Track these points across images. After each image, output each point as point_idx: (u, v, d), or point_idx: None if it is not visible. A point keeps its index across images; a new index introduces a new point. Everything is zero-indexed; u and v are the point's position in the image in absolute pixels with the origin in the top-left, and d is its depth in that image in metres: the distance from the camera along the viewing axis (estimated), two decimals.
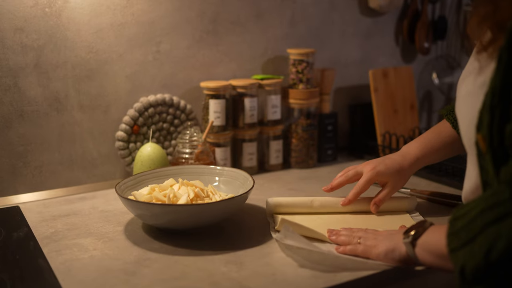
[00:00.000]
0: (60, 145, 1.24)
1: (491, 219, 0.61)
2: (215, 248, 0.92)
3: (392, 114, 1.50)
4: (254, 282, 0.81)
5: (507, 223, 0.59)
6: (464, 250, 0.62)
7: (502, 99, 0.63)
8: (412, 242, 0.78)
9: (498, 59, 0.64)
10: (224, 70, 1.39)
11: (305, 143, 1.40)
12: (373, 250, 0.84)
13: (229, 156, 1.32)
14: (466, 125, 0.74)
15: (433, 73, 1.69)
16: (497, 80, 0.64)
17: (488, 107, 0.65)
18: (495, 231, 0.59)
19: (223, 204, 0.96)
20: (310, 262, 0.85)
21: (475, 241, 0.61)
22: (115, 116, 1.28)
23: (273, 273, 0.84)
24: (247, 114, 1.33)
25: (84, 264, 0.88)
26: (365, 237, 0.87)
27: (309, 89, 1.38)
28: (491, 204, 0.62)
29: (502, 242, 0.58)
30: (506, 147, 0.64)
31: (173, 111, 1.32)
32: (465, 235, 0.63)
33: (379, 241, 0.85)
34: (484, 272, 0.60)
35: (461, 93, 0.78)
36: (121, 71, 1.27)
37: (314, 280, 0.81)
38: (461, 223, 0.65)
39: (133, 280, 0.82)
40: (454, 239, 0.64)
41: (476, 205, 0.64)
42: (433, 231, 0.78)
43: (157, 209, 0.93)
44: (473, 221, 0.63)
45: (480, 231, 0.61)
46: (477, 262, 0.60)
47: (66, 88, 1.23)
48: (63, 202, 1.15)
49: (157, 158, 1.20)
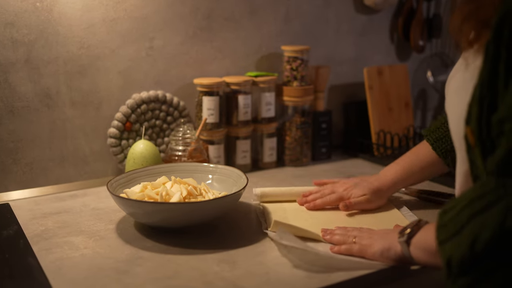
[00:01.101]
0: (51, 142, 1.22)
1: (477, 209, 0.60)
2: (208, 247, 0.91)
3: (386, 112, 1.49)
4: (248, 282, 0.80)
5: (492, 213, 0.58)
6: (452, 242, 0.61)
7: (490, 90, 0.63)
8: (407, 241, 0.78)
9: (485, 52, 0.64)
10: (218, 67, 1.37)
11: (299, 141, 1.39)
12: (368, 249, 0.84)
13: (223, 153, 1.31)
14: (455, 120, 0.74)
15: (427, 71, 1.68)
16: (485, 72, 0.64)
17: (477, 99, 0.65)
18: (481, 221, 0.59)
19: (216, 202, 0.95)
20: (305, 262, 0.84)
21: (462, 232, 0.60)
22: (107, 113, 1.27)
23: (266, 272, 0.83)
24: (241, 111, 1.32)
25: (75, 262, 0.86)
26: (360, 236, 0.86)
27: (303, 87, 1.37)
28: (478, 194, 0.61)
29: (487, 232, 0.57)
30: (493, 138, 0.63)
31: (166, 108, 1.31)
32: (453, 226, 0.62)
33: (375, 240, 0.84)
34: (470, 264, 0.59)
35: (450, 90, 0.79)
36: (113, 67, 1.26)
37: (309, 280, 0.80)
38: (449, 215, 0.64)
39: (125, 279, 0.81)
40: (443, 231, 0.64)
41: (464, 197, 0.64)
42: (428, 229, 0.77)
43: (149, 207, 0.92)
44: (460, 213, 0.62)
45: (467, 221, 0.60)
46: (463, 254, 0.59)
47: (57, 84, 1.21)
48: (54, 200, 1.14)
49: (149, 155, 1.19)
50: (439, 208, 0.71)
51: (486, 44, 0.64)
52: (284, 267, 0.84)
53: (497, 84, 0.63)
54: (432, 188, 1.17)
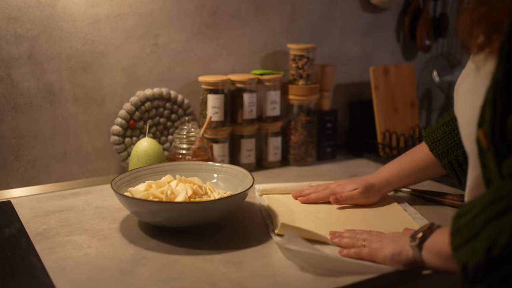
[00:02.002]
0: (54, 139, 1.21)
1: (494, 214, 0.58)
2: (214, 247, 0.89)
3: (392, 112, 1.48)
4: (254, 284, 0.78)
5: (509, 217, 0.57)
6: (466, 247, 0.60)
7: (505, 91, 0.62)
8: (419, 245, 0.76)
9: (499, 54, 0.63)
10: (223, 65, 1.36)
11: (304, 140, 1.37)
12: (379, 253, 0.82)
13: (227, 152, 1.30)
14: (466, 122, 0.73)
15: (433, 71, 1.67)
16: (499, 73, 0.63)
17: (490, 101, 0.63)
18: (497, 226, 0.57)
19: (222, 202, 0.93)
20: (311, 266, 0.82)
21: (477, 237, 0.59)
22: (111, 110, 1.25)
23: (273, 274, 0.81)
24: (246, 109, 1.30)
25: (78, 262, 0.85)
26: (370, 239, 0.84)
27: (309, 85, 1.35)
28: (493, 199, 0.60)
29: (504, 237, 0.56)
30: (508, 141, 0.62)
31: (170, 106, 1.29)
32: (467, 232, 0.61)
33: (385, 243, 0.82)
34: (486, 270, 0.57)
35: (460, 93, 0.77)
36: (117, 63, 1.24)
37: (316, 282, 0.79)
38: (464, 220, 0.63)
39: (129, 280, 0.79)
40: (457, 236, 0.63)
41: (479, 201, 0.63)
42: (440, 233, 0.76)
43: (154, 207, 0.91)
44: (476, 218, 0.61)
45: (482, 226, 0.59)
46: (479, 259, 0.58)
47: (60, 80, 1.19)
48: (56, 198, 1.12)
49: (153, 153, 1.17)
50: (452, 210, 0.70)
51: (500, 46, 0.63)
52: (291, 269, 0.82)
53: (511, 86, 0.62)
54: (443, 190, 1.16)
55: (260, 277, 0.80)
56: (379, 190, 1.07)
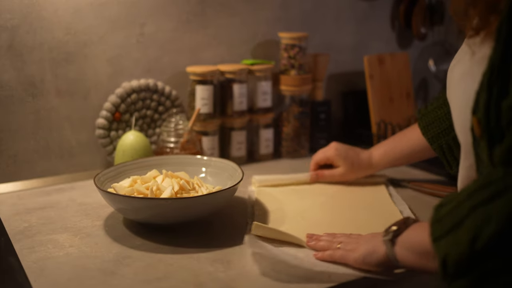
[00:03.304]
0: (36, 133, 1.17)
1: (480, 201, 0.52)
2: (201, 245, 0.85)
3: (387, 102, 1.44)
4: (242, 283, 0.75)
5: (498, 204, 0.50)
6: (448, 238, 0.54)
7: (501, 76, 0.58)
8: (392, 240, 0.70)
9: (497, 36, 0.59)
10: (212, 55, 1.31)
11: (296, 132, 1.34)
12: (351, 254, 0.76)
13: (217, 145, 1.26)
14: (459, 109, 0.69)
15: (429, 59, 1.63)
16: (496, 57, 0.59)
17: (486, 86, 0.59)
18: (483, 213, 0.51)
19: (210, 197, 0.89)
20: (275, 271, 0.77)
21: (461, 226, 0.52)
22: (95, 102, 1.21)
23: (262, 273, 0.77)
24: (236, 101, 1.26)
25: (58, 262, 0.81)
26: (346, 242, 0.79)
27: (301, 75, 1.31)
28: (481, 185, 0.54)
29: (491, 226, 0.49)
30: (502, 127, 0.57)
31: (158, 98, 1.25)
32: (450, 221, 0.54)
33: (360, 244, 0.76)
34: (469, 264, 0.51)
35: (453, 79, 0.73)
36: (102, 54, 1.20)
37: (306, 283, 0.75)
38: (447, 208, 0.57)
39: (111, 280, 0.76)
40: (438, 226, 0.56)
41: (466, 189, 0.57)
42: (417, 228, 0.69)
43: (139, 203, 0.87)
44: (460, 205, 0.54)
45: (467, 214, 0.52)
46: (461, 251, 0.51)
47: (42, 72, 1.15)
48: (38, 194, 1.08)
49: (140, 147, 1.13)
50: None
51: (497, 28, 0.59)
52: (282, 267, 0.78)
53: (509, 69, 0.58)
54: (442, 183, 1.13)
55: (249, 277, 0.76)
56: (365, 168, 1.10)
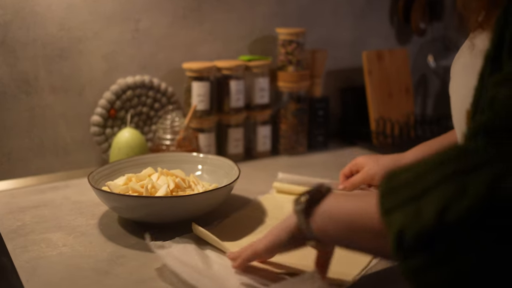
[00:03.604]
0: (30, 130, 1.15)
1: (455, 170, 0.45)
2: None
3: (386, 98, 1.43)
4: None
5: (476, 177, 0.44)
6: (406, 209, 0.46)
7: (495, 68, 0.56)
8: (306, 209, 0.61)
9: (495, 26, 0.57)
10: (208, 51, 1.30)
11: (294, 128, 1.32)
12: (259, 244, 0.70)
13: (214, 142, 1.24)
14: (458, 104, 0.68)
15: (429, 55, 1.62)
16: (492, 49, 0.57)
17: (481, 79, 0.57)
18: (458, 184, 0.44)
19: (206, 195, 0.88)
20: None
21: (426, 196, 0.45)
22: (90, 99, 1.19)
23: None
24: (233, 98, 1.25)
25: (51, 262, 0.79)
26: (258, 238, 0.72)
27: (299, 72, 1.30)
28: (456, 154, 0.47)
29: (466, 199, 0.43)
30: None
31: (153, 94, 1.23)
32: (409, 191, 0.47)
33: (268, 233, 0.70)
34: (431, 238, 0.43)
35: (454, 72, 0.73)
36: (96, 50, 1.18)
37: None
38: (403, 177, 0.48)
39: (105, 280, 0.74)
40: (391, 197, 0.48)
41: (430, 158, 0.49)
42: (339, 196, 0.61)
43: (133, 202, 0.85)
44: (424, 174, 0.47)
45: (436, 184, 0.45)
46: (424, 224, 0.44)
47: (36, 68, 1.13)
48: (33, 192, 1.07)
49: (135, 144, 1.12)
50: None
51: (496, 22, 0.57)
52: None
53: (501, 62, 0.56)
54: None
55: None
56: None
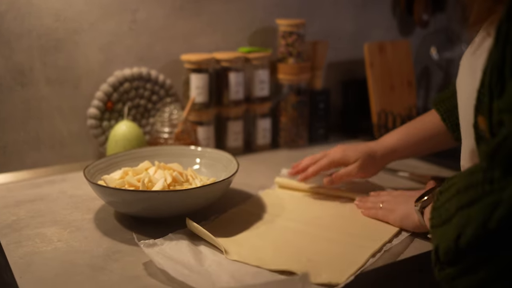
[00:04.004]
0: (26, 123, 1.13)
1: (464, 203, 0.57)
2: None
3: (388, 91, 1.41)
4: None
5: (474, 210, 0.56)
6: (441, 229, 0.60)
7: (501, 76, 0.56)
8: (421, 210, 0.79)
9: (497, 33, 0.56)
10: (207, 42, 1.27)
11: (294, 121, 1.30)
12: (390, 215, 0.85)
13: (213, 135, 1.22)
14: (464, 103, 0.68)
15: (431, 47, 1.60)
16: (496, 55, 0.56)
17: (487, 86, 0.57)
18: (466, 215, 0.56)
19: (204, 190, 0.86)
20: None
21: (450, 222, 0.59)
22: (87, 92, 1.17)
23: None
24: (232, 90, 1.23)
25: (46, 258, 0.78)
26: (387, 200, 0.88)
27: (299, 64, 1.28)
28: (466, 185, 0.58)
29: (470, 229, 0.55)
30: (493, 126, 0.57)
31: (151, 86, 1.21)
32: (444, 213, 0.61)
33: (398, 205, 0.85)
34: (454, 256, 0.57)
35: (462, 66, 0.71)
36: (92, 42, 1.16)
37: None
38: (443, 199, 0.62)
39: (100, 276, 0.73)
40: (436, 215, 0.62)
41: (457, 181, 0.61)
42: None
43: (130, 196, 0.83)
44: (450, 201, 0.60)
45: (455, 212, 0.58)
46: (448, 245, 0.58)
47: (31, 60, 1.11)
48: (28, 186, 1.05)
49: (132, 137, 1.10)
50: None
51: (498, 24, 0.56)
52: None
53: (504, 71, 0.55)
54: (444, 174, 1.09)
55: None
56: (382, 159, 0.98)
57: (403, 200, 0.85)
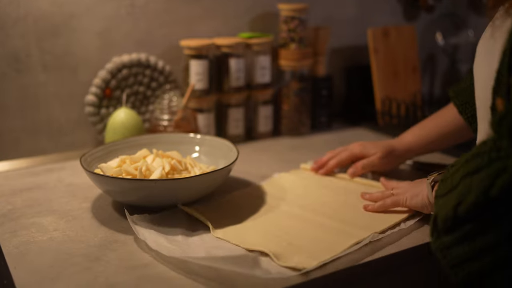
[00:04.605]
0: (23, 110, 1.11)
1: (469, 170, 0.57)
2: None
3: (392, 77, 1.38)
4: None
5: (478, 177, 0.55)
6: (443, 199, 0.60)
7: None
8: (432, 184, 0.78)
9: None
10: (208, 28, 1.25)
11: (297, 108, 1.28)
12: (401, 195, 0.84)
13: (213, 123, 1.20)
14: (481, 85, 0.66)
15: (437, 33, 1.56)
16: None
17: (506, 65, 0.56)
18: (468, 183, 0.56)
19: (203, 178, 0.84)
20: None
21: (453, 191, 0.58)
22: (85, 78, 1.15)
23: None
24: (233, 76, 1.20)
25: (41, 248, 0.76)
26: (398, 187, 0.88)
27: (301, 49, 1.25)
28: (474, 154, 0.58)
29: (471, 196, 0.55)
30: None
31: (150, 73, 1.19)
32: (449, 183, 0.60)
33: (410, 186, 0.85)
34: (451, 224, 0.57)
35: (478, 50, 0.70)
36: (90, 27, 1.13)
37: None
38: (451, 171, 0.62)
39: (95, 267, 0.71)
40: (442, 186, 0.62)
41: (465, 155, 0.61)
42: None
43: (126, 185, 0.81)
44: (457, 171, 0.60)
45: (459, 181, 0.58)
46: (446, 213, 0.57)
47: (27, 46, 1.09)
48: (26, 175, 1.03)
49: (131, 125, 1.08)
50: None
51: None
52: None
53: None
54: (449, 161, 1.07)
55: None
56: (400, 155, 1.00)
57: (414, 184, 0.85)
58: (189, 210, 0.84)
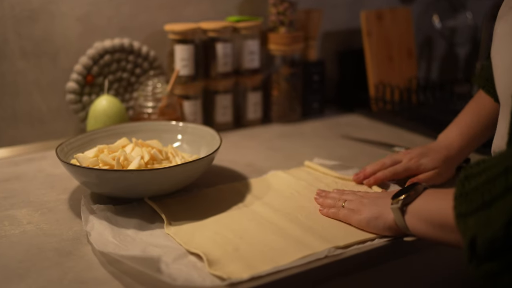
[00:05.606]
0: (1, 99, 1.08)
1: None
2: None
3: (387, 62, 1.34)
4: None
5: None
6: (477, 216, 0.50)
7: None
8: (402, 208, 0.66)
9: None
10: (194, 11, 1.21)
11: (287, 95, 1.24)
12: (354, 216, 0.73)
13: (200, 110, 1.17)
14: (502, 70, 0.61)
15: (434, 15, 1.52)
16: None
17: None
18: None
19: (183, 168, 0.80)
20: None
21: (493, 205, 0.49)
22: (65, 65, 1.12)
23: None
24: (220, 62, 1.16)
25: (12, 242, 0.73)
26: (350, 200, 0.76)
27: (292, 33, 1.21)
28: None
29: None
30: None
31: (134, 59, 1.15)
32: (480, 197, 0.50)
33: (364, 205, 0.73)
34: (502, 247, 0.48)
35: (497, 34, 0.65)
36: (70, 11, 1.09)
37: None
38: (475, 182, 0.52)
39: (66, 262, 0.68)
40: (464, 201, 0.52)
41: (497, 162, 0.51)
42: (429, 195, 0.65)
43: (103, 175, 0.78)
44: (493, 181, 0.50)
45: (502, 194, 0.48)
46: (494, 233, 0.48)
47: (3, 32, 1.05)
48: (6, 165, 1.00)
49: (113, 113, 1.04)
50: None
51: None
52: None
53: None
54: None
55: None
56: (455, 162, 0.89)
57: (370, 201, 0.73)
58: (151, 203, 0.80)
